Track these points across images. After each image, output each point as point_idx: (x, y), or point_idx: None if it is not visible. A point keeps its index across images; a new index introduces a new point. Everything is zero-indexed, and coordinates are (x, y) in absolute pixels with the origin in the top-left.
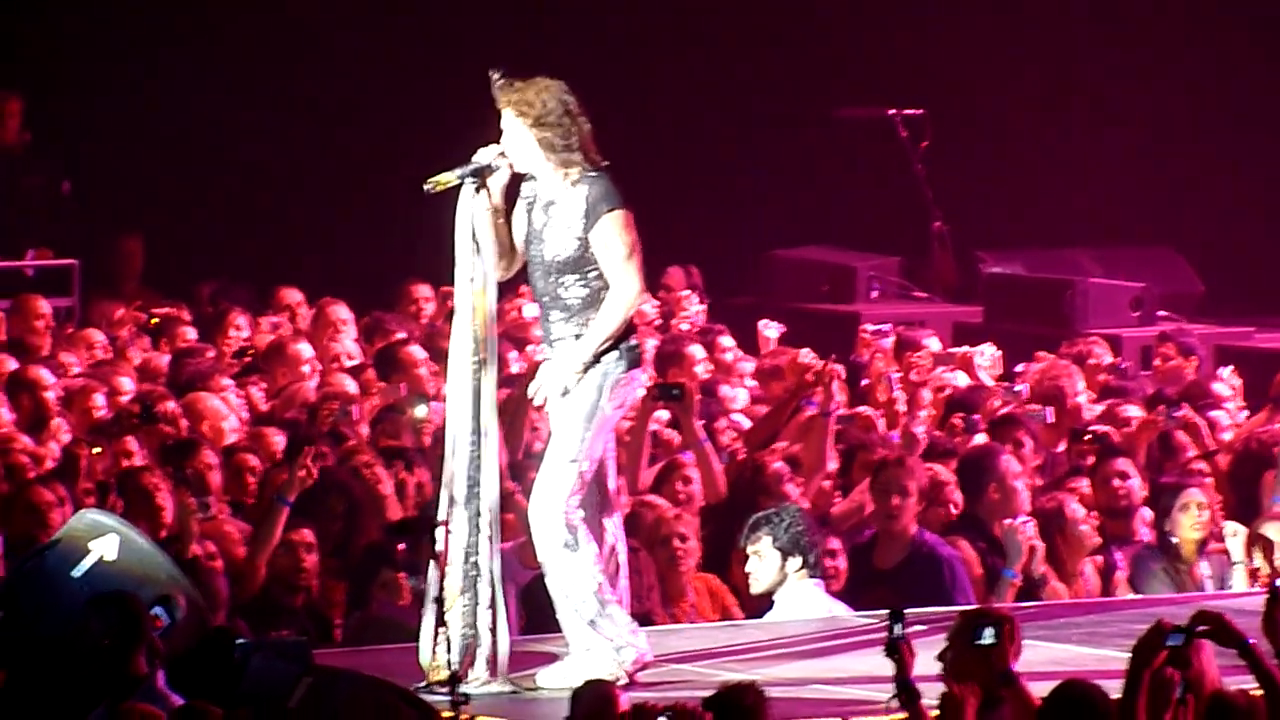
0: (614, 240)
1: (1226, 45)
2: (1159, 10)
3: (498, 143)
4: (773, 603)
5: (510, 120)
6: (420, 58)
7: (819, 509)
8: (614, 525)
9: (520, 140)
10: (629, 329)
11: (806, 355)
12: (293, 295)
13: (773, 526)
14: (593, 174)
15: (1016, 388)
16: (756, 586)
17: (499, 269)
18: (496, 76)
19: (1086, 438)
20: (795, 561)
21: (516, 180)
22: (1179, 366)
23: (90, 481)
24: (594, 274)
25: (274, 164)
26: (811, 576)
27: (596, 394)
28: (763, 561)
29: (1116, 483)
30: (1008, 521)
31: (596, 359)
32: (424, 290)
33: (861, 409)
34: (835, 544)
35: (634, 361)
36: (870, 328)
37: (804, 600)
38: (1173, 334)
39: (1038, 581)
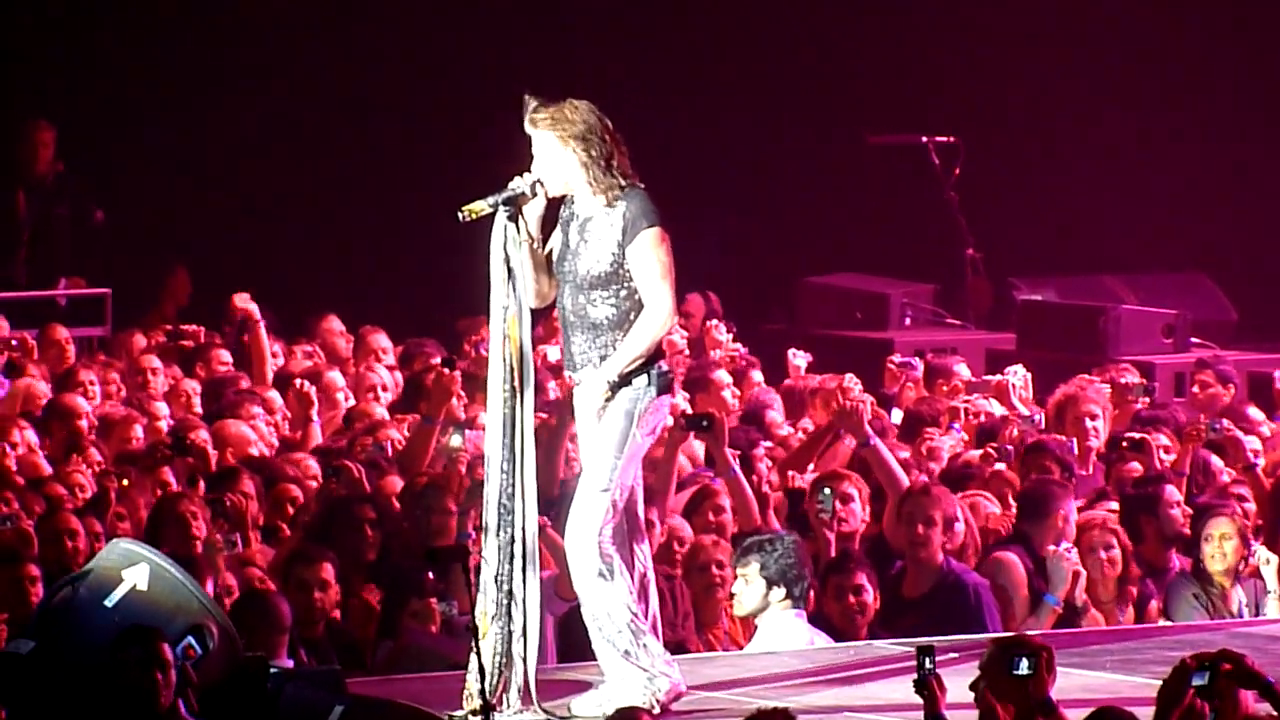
0: (651, 257)
1: (1262, 73)
2: (1193, 38)
3: (530, 170)
4: (756, 628)
5: (547, 141)
6: (458, 87)
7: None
8: (644, 553)
9: (558, 160)
10: (659, 353)
11: (851, 380)
12: (333, 323)
13: (764, 555)
14: (632, 192)
15: (1035, 416)
16: (739, 610)
17: (536, 296)
18: (530, 102)
19: (1124, 444)
20: (779, 592)
21: (552, 208)
22: (1217, 394)
23: (123, 509)
24: (625, 293)
25: (307, 193)
26: (795, 607)
27: (627, 421)
28: (749, 587)
29: (1175, 512)
30: (1052, 548)
31: (626, 381)
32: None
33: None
34: (862, 579)
35: (664, 387)
36: (897, 359)
37: (785, 630)
38: (1210, 361)
39: (1079, 609)
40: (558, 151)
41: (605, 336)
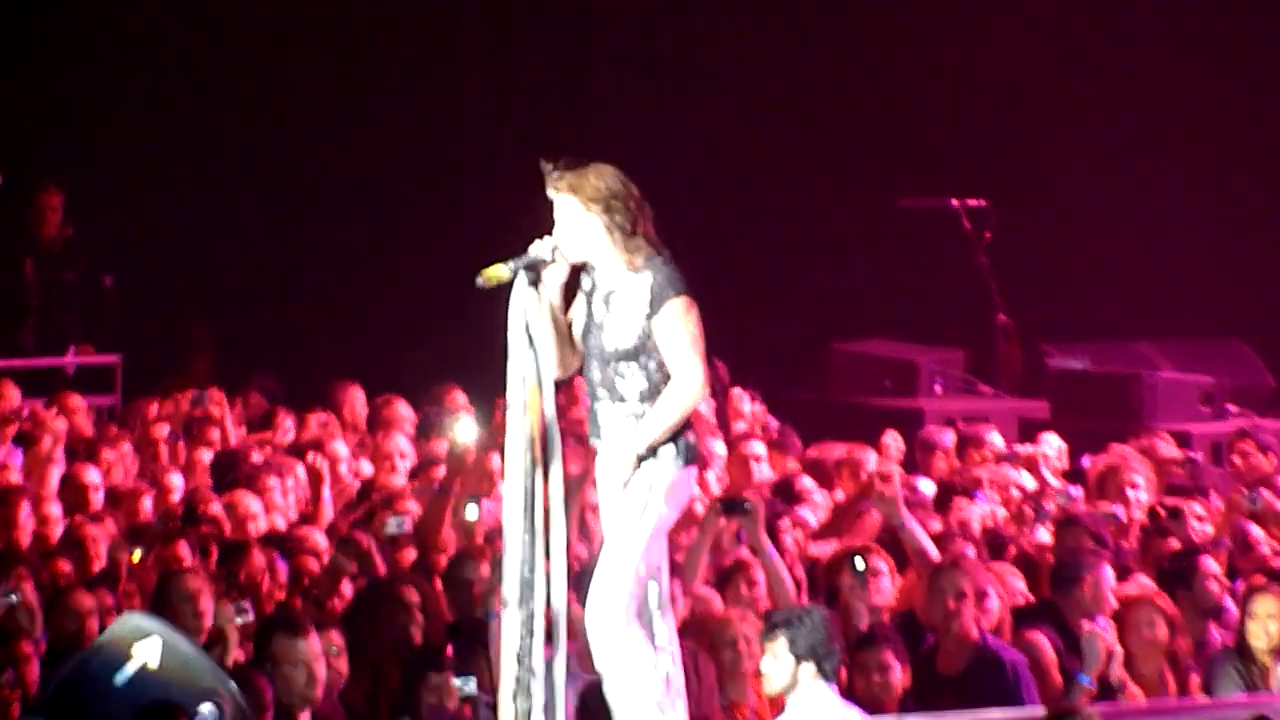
0: (679, 328)
1: None
2: (1225, 103)
3: (552, 235)
4: (785, 704)
5: (569, 206)
6: (477, 149)
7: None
8: (669, 628)
9: (581, 226)
10: (686, 424)
11: (893, 438)
12: (356, 394)
13: (792, 630)
14: (657, 260)
15: (1073, 491)
16: (769, 688)
17: (559, 368)
18: (549, 166)
19: (1161, 513)
20: (809, 668)
21: (575, 276)
22: (1257, 464)
23: (133, 585)
24: (654, 364)
25: (323, 257)
26: (825, 682)
27: (653, 494)
28: (777, 662)
29: (1212, 585)
30: (1087, 625)
31: (653, 452)
32: (404, 409)
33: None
34: (889, 657)
35: (690, 459)
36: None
37: (816, 705)
38: (1249, 429)
39: (1115, 687)
40: (580, 217)
41: (634, 408)
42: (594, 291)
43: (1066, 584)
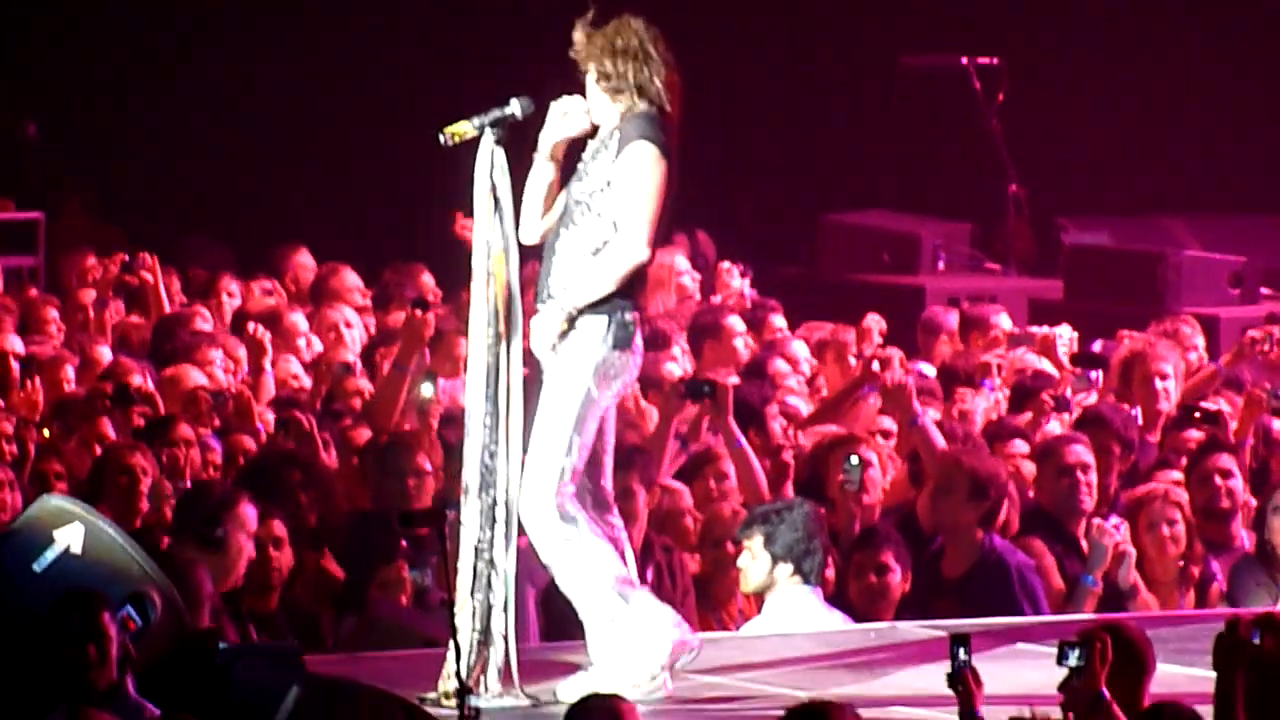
0: (636, 176)
1: None
2: None
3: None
4: (763, 604)
5: (584, 60)
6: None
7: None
8: (615, 521)
9: (590, 79)
10: (626, 300)
11: (874, 321)
12: (304, 258)
13: (770, 526)
14: (644, 111)
15: (1091, 374)
16: (745, 586)
17: (538, 232)
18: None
19: (1196, 415)
20: (786, 569)
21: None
22: None
23: (46, 465)
24: (611, 221)
25: (271, 107)
26: (805, 584)
27: (582, 376)
28: (754, 561)
29: (1218, 481)
30: (1096, 521)
31: (583, 327)
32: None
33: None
34: (889, 558)
35: (626, 340)
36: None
37: (794, 607)
38: None
39: (1125, 591)
40: (591, 70)
41: (579, 265)
42: (587, 147)
43: (1039, 480)
